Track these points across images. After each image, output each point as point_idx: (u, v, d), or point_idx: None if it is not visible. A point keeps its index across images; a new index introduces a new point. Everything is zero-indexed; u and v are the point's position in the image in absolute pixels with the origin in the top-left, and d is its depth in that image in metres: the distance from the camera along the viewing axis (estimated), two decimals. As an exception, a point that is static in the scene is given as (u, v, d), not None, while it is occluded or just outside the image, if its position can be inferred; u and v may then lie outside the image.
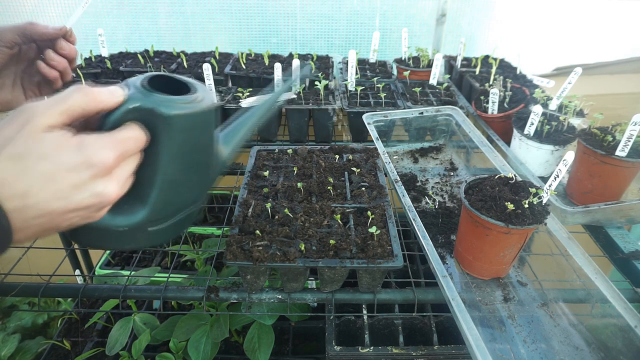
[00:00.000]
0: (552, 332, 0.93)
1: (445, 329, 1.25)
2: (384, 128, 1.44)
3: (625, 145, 1.08)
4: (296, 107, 1.51)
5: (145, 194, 0.53)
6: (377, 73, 1.83)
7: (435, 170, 1.43)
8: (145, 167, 0.52)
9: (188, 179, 0.56)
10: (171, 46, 1.98)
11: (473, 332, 0.76)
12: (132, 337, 1.24)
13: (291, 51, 1.98)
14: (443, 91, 1.68)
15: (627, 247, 1.12)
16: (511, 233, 0.89)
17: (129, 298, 1.05)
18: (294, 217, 1.01)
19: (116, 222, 0.53)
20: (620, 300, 0.85)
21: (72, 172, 0.45)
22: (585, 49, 2.16)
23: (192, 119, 0.50)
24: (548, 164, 1.31)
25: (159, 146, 0.50)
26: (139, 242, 0.57)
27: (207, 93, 0.53)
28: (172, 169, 0.53)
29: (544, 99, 1.44)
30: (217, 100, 1.51)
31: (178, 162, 0.53)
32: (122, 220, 0.53)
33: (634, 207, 1.14)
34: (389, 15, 2.11)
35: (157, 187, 0.53)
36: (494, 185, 0.97)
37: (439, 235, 1.15)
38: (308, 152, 1.29)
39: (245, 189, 1.14)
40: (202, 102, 0.52)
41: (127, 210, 0.53)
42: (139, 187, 0.53)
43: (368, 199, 1.09)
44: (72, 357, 1.48)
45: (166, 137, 0.50)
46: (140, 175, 0.52)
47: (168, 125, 0.49)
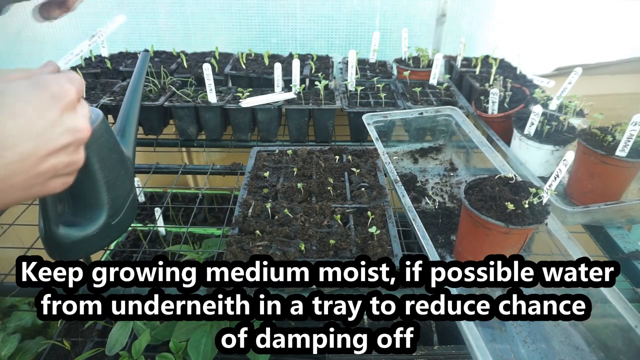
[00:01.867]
0: (552, 332, 0.93)
1: (445, 329, 1.25)
2: (383, 128, 1.44)
3: (625, 145, 1.08)
4: (296, 107, 1.51)
5: (98, 199, 0.67)
6: (377, 73, 1.83)
7: (435, 171, 1.43)
8: (86, 179, 0.63)
9: (118, 173, 0.69)
10: (171, 46, 1.98)
11: (473, 332, 0.76)
12: (132, 337, 1.24)
13: (291, 51, 1.98)
14: (443, 91, 1.68)
15: (627, 247, 1.12)
16: (511, 233, 0.89)
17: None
18: (294, 217, 1.01)
19: (88, 230, 0.67)
20: (620, 300, 0.85)
21: (42, 109, 0.45)
22: (585, 49, 2.16)
23: (99, 128, 0.62)
24: (548, 164, 1.31)
25: (89, 157, 0.61)
26: (111, 236, 0.71)
27: (91, 108, 0.65)
28: (105, 170, 0.65)
29: (544, 99, 1.44)
30: (217, 100, 1.51)
31: (106, 164, 0.65)
32: (92, 226, 0.67)
33: (634, 207, 1.14)
34: (389, 15, 2.11)
35: (103, 189, 0.66)
36: (494, 185, 0.97)
37: (439, 235, 1.15)
38: (308, 153, 1.29)
39: (246, 189, 1.14)
40: (96, 114, 0.62)
41: (90, 218, 0.67)
42: (90, 196, 0.66)
43: (368, 199, 1.09)
44: (72, 357, 1.48)
45: (92, 149, 0.61)
46: (86, 187, 0.64)
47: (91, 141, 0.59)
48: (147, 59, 0.80)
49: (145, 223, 1.85)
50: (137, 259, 1.76)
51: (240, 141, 1.60)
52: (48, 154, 0.46)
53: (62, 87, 0.47)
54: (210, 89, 1.49)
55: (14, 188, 0.45)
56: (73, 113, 0.48)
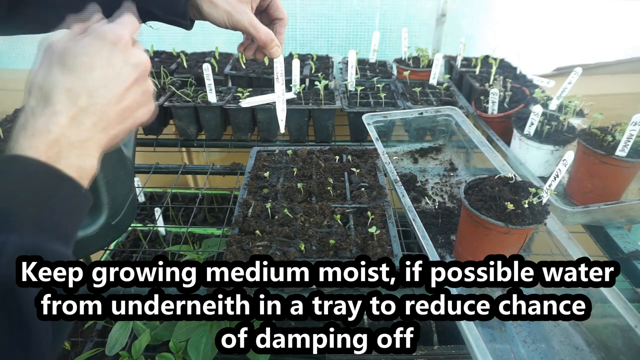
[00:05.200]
0: (552, 332, 0.93)
1: (446, 329, 1.25)
2: (383, 128, 1.44)
3: (625, 145, 1.08)
4: (296, 107, 1.51)
5: (97, 199, 0.70)
6: (377, 73, 1.83)
7: (435, 171, 1.43)
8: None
9: (118, 173, 0.72)
10: (171, 46, 1.98)
11: (473, 332, 0.76)
12: (132, 337, 1.24)
13: (291, 51, 1.98)
14: (443, 91, 1.68)
15: (627, 247, 1.12)
16: (511, 233, 0.89)
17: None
18: (294, 217, 1.01)
19: (88, 230, 0.70)
20: (620, 300, 0.85)
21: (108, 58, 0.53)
22: (585, 49, 2.16)
23: None
24: (548, 164, 1.31)
25: None
26: (111, 236, 0.73)
27: None
28: (104, 171, 0.67)
29: (544, 99, 1.44)
30: (217, 100, 1.51)
31: (106, 164, 0.66)
32: (92, 227, 0.70)
33: (634, 207, 1.14)
34: (389, 15, 2.11)
35: (102, 189, 0.69)
36: (494, 185, 0.97)
37: (439, 235, 1.15)
38: (308, 153, 1.29)
39: (245, 189, 1.14)
40: None
41: (90, 218, 0.70)
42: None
43: (368, 199, 1.09)
44: (72, 357, 1.48)
45: None
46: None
47: None
48: None
49: (145, 223, 1.85)
50: (137, 259, 1.76)
51: (240, 141, 1.60)
52: (125, 90, 0.54)
53: (117, 34, 0.54)
54: (210, 89, 1.49)
55: (111, 125, 0.53)
56: (131, 51, 0.55)
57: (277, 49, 0.87)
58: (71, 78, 0.50)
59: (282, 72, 1.01)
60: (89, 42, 0.52)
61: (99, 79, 0.51)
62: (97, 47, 0.52)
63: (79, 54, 0.51)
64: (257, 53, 0.92)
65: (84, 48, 0.52)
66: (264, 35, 0.82)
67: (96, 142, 0.53)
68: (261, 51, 0.89)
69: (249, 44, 0.91)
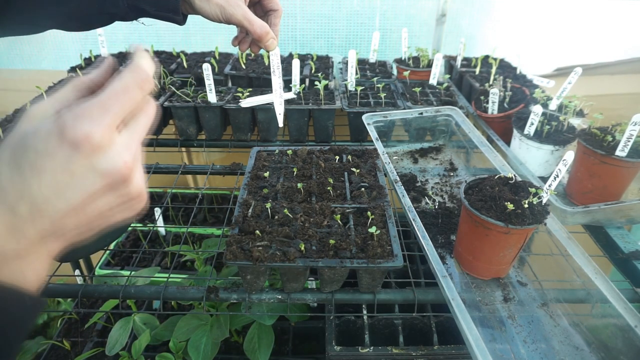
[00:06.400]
0: (552, 332, 0.92)
1: (445, 329, 1.25)
2: (383, 128, 1.44)
3: (625, 145, 1.08)
4: (296, 107, 1.51)
5: None
6: (377, 73, 1.83)
7: (435, 171, 1.43)
8: None
9: None
10: (171, 46, 1.98)
11: (473, 332, 0.76)
12: (132, 337, 1.24)
13: (291, 51, 1.98)
14: (443, 91, 1.68)
15: (627, 247, 1.12)
16: (511, 233, 0.89)
17: (128, 298, 1.05)
18: (294, 217, 1.01)
19: None
20: (620, 300, 0.85)
21: (64, 162, 0.40)
22: (585, 49, 2.16)
23: None
24: (548, 164, 1.31)
25: None
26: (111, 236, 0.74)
27: None
28: None
29: (544, 99, 1.44)
30: (216, 100, 1.51)
31: None
32: None
33: (634, 207, 1.14)
34: (389, 15, 2.11)
35: None
36: (494, 185, 0.97)
37: (439, 235, 1.15)
38: (308, 153, 1.29)
39: (245, 189, 1.14)
40: None
41: None
42: None
43: (368, 199, 1.09)
44: (72, 357, 1.48)
45: None
46: None
47: None
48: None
49: (145, 223, 1.85)
50: (137, 259, 1.77)
51: (240, 141, 1.60)
52: (89, 198, 0.42)
53: (80, 133, 0.39)
54: (210, 89, 1.49)
55: (70, 233, 0.43)
56: (102, 155, 0.41)
57: (273, 42, 0.84)
58: (16, 178, 0.39)
59: (279, 65, 1.01)
60: (44, 136, 0.39)
61: (47, 186, 0.39)
62: (51, 145, 0.39)
63: (29, 149, 0.39)
64: (252, 46, 0.89)
65: (36, 143, 0.39)
66: (258, 29, 0.80)
67: (45, 251, 0.42)
68: (256, 44, 0.87)
69: (244, 37, 0.89)
